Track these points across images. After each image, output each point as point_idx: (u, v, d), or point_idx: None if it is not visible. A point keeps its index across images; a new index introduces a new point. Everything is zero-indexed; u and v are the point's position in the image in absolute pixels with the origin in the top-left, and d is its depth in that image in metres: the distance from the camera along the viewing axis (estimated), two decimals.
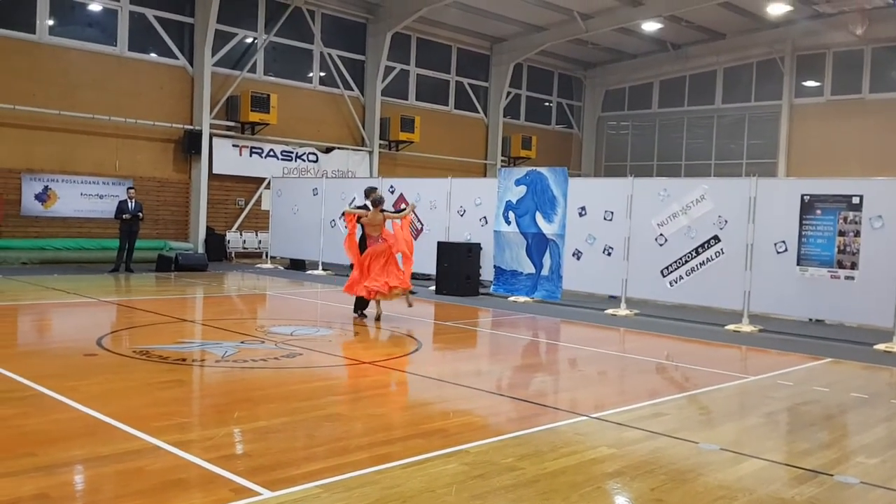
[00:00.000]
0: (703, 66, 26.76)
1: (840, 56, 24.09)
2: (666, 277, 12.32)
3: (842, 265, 10.64)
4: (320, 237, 17.78)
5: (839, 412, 6.91)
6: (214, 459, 4.65)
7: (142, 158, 18.65)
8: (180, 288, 14.52)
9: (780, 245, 11.19)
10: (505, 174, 14.97)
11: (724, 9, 22.07)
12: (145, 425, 5.26)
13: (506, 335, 10.87)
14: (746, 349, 10.06)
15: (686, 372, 8.63)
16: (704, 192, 12.03)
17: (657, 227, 12.40)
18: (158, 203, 18.87)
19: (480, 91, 26.42)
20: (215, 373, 7.37)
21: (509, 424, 5.92)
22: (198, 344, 8.73)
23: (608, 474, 4.80)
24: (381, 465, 4.71)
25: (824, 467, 5.09)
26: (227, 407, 6.08)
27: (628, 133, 29.57)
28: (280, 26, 20.78)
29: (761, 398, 7.26)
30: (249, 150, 20.45)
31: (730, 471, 4.97)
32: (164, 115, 18.81)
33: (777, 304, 11.47)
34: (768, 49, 24.90)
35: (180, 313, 11.35)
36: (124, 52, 18.23)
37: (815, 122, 24.39)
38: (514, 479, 4.60)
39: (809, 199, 10.96)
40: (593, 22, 23.23)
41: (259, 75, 20.60)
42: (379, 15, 22.37)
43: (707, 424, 6.35)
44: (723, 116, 26.88)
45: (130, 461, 4.61)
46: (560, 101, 29.57)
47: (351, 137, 22.79)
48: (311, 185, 18.57)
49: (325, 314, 12.14)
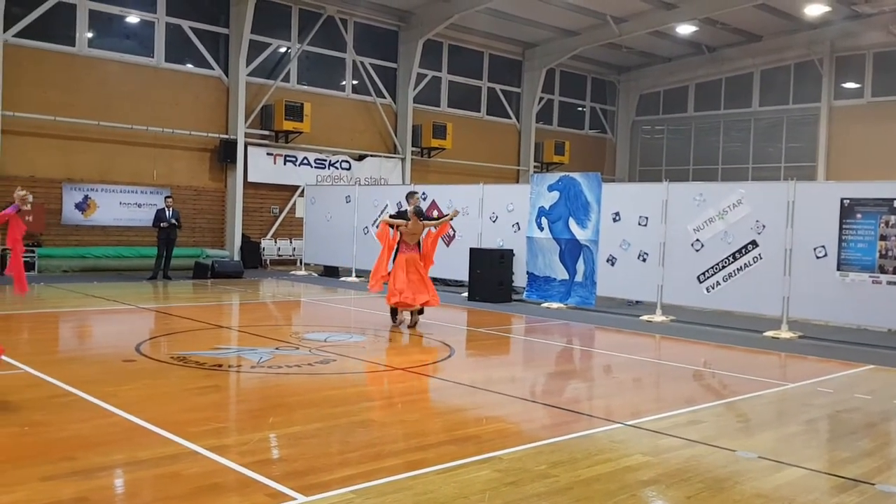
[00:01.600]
0: (740, 68, 26.42)
1: (880, 57, 23.62)
2: (703, 283, 12.17)
3: (884, 270, 10.41)
4: (353, 244, 17.88)
5: (881, 420, 6.75)
6: (250, 464, 4.69)
7: (179, 167, 18.95)
8: (216, 295, 14.70)
9: (820, 250, 10.99)
10: (537, 180, 14.91)
11: (760, 10, 21.77)
12: (182, 430, 5.33)
13: (539, 341, 10.81)
14: (785, 356, 9.88)
15: (723, 379, 8.50)
16: (741, 197, 11.86)
17: (693, 232, 12.25)
18: (195, 211, 19.15)
19: (513, 97, 26.38)
20: (251, 378, 7.44)
21: (543, 431, 5.88)
22: (234, 350, 8.83)
23: (643, 482, 4.74)
24: (414, 471, 4.71)
25: (866, 476, 4.98)
26: (262, 412, 6.13)
27: (663, 137, 29.29)
28: (313, 35, 20.98)
29: (801, 406, 7.12)
30: (283, 159, 20.66)
31: (768, 479, 4.88)
32: (200, 124, 19.10)
33: (817, 310, 11.26)
34: (806, 50, 24.51)
35: (216, 320, 11.49)
36: (161, 63, 18.56)
37: (855, 124, 23.93)
38: (547, 486, 4.57)
39: (849, 203, 10.74)
40: (626, 26, 23.07)
41: (293, 84, 20.82)
42: (410, 22, 22.48)
43: (745, 432, 6.25)
44: (760, 119, 26.50)
45: (168, 465, 4.67)
46: (593, 106, 29.41)
47: (383, 145, 22.91)
48: (344, 193, 18.69)
49: (358, 321, 12.20)
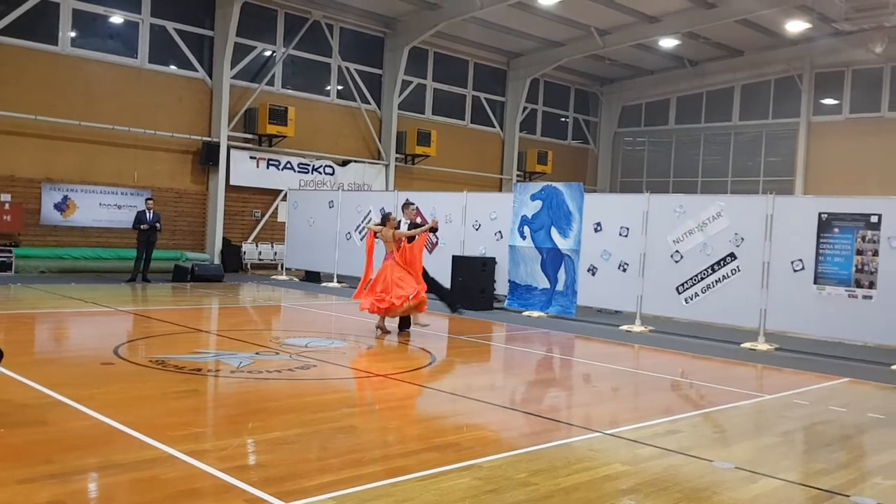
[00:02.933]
0: (721, 82, 26.72)
1: (859, 74, 23.99)
2: (681, 294, 12.27)
3: (860, 284, 10.56)
4: (336, 249, 17.85)
5: (856, 432, 6.84)
6: (229, 470, 4.67)
7: (160, 169, 18.83)
8: (196, 298, 14.61)
9: (797, 263, 11.12)
10: (520, 189, 14.98)
11: (742, 26, 22.05)
12: (160, 434, 5.29)
13: (520, 350, 10.84)
14: (762, 367, 9.98)
15: (701, 389, 8.57)
16: (721, 209, 11.99)
17: (673, 243, 12.36)
18: (176, 214, 19.03)
19: (497, 106, 26.49)
20: (230, 383, 7.40)
21: (523, 439, 5.90)
22: (213, 354, 8.77)
23: (622, 491, 4.77)
24: (394, 478, 4.71)
25: (840, 488, 5.04)
26: (241, 417, 6.10)
27: (644, 149, 29.53)
28: (298, 40, 20.97)
29: (777, 417, 7.20)
30: (266, 163, 20.60)
31: (744, 490, 4.93)
32: (182, 126, 19.00)
33: (794, 323, 11.38)
34: (786, 66, 24.83)
35: (196, 324, 11.42)
36: (144, 64, 18.46)
37: (834, 140, 24.26)
38: (527, 494, 4.58)
39: (827, 218, 10.89)
40: (610, 38, 23.28)
41: (277, 88, 20.77)
42: (397, 29, 22.53)
43: (722, 443, 6.30)
44: (740, 133, 26.79)
45: (145, 470, 4.63)
46: (576, 117, 29.59)
47: (367, 151, 22.91)
48: (327, 198, 18.66)
49: (339, 326, 12.17)
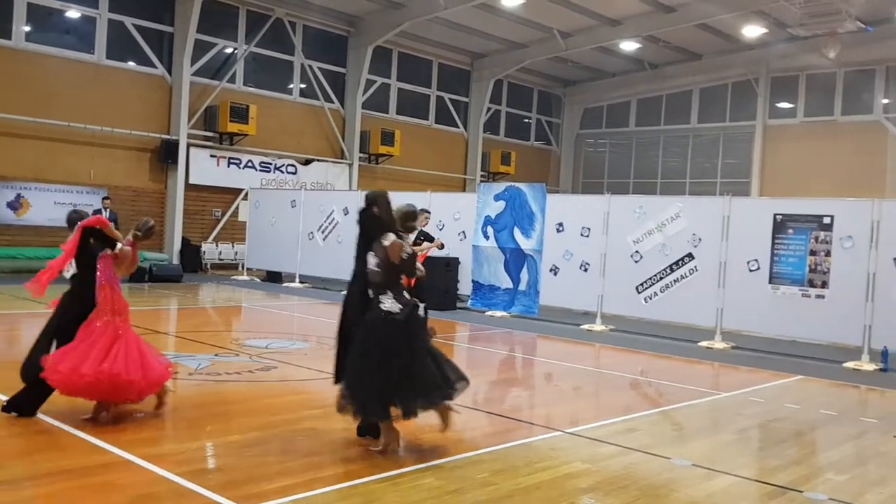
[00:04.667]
0: (680, 85, 27.09)
1: (813, 78, 24.51)
2: (641, 294, 12.41)
3: (813, 284, 10.80)
4: (298, 250, 17.70)
5: (809, 429, 7.00)
6: (185, 474, 4.60)
7: (117, 167, 18.49)
8: (154, 299, 14.39)
9: (753, 263, 11.33)
10: (484, 189, 15.03)
11: (700, 30, 22.40)
12: (115, 439, 5.20)
13: (482, 349, 10.88)
14: (719, 366, 10.16)
15: (660, 388, 8.69)
16: (679, 211, 12.17)
17: (633, 243, 12.50)
18: (133, 213, 18.64)
19: (461, 106, 26.53)
20: (188, 386, 7.30)
21: (484, 439, 5.92)
22: (170, 356, 8.63)
23: (582, 489, 4.82)
24: (355, 480, 4.69)
25: (794, 483, 5.15)
26: (199, 420, 6.02)
27: (606, 151, 29.82)
28: (261, 37, 20.75)
29: (733, 415, 7.33)
30: (227, 161, 20.35)
31: (701, 486, 5.01)
32: (141, 124, 18.68)
33: (749, 322, 11.60)
34: (743, 70, 25.27)
35: (153, 325, 11.24)
36: (102, 60, 18.11)
37: (788, 142, 24.76)
38: (488, 494, 4.60)
39: (782, 219, 11.12)
40: (573, 40, 23.46)
41: (238, 86, 20.54)
42: (361, 28, 22.43)
43: (680, 440, 6.40)
44: (698, 136, 27.20)
45: (99, 475, 4.55)
46: (539, 118, 29.77)
47: (330, 150, 22.77)
48: (289, 197, 18.51)
49: (301, 327, 12.09)
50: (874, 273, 10.31)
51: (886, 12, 19.76)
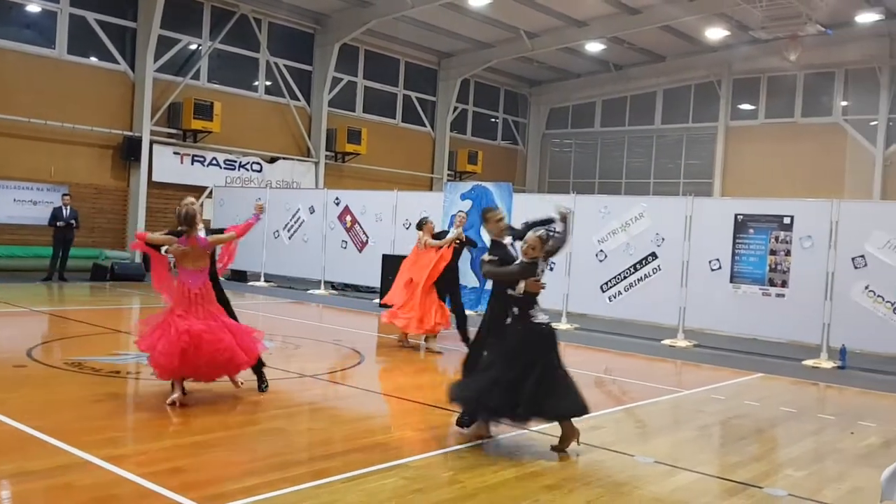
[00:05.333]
0: (644, 87, 27.38)
1: (774, 80, 24.94)
2: (605, 292, 12.53)
3: (773, 283, 11.00)
4: (263, 248, 17.56)
5: (769, 426, 7.13)
6: (147, 475, 4.55)
7: (78, 164, 18.16)
8: (116, 298, 14.17)
9: (715, 263, 11.51)
10: (451, 188, 15.05)
11: (664, 32, 22.67)
12: (76, 439, 5.12)
13: (449, 349, 10.89)
14: (681, 364, 10.30)
15: (623, 385, 8.79)
16: (643, 210, 12.31)
17: (597, 243, 12.62)
18: (95, 210, 18.39)
19: (428, 105, 26.53)
20: (151, 386, 7.20)
21: (450, 438, 5.94)
22: (133, 356, 8.52)
23: (547, 486, 4.86)
24: (319, 479, 4.67)
25: (754, 480, 5.24)
26: (162, 421, 5.96)
27: (571, 151, 30.03)
28: (225, 33, 20.53)
29: (695, 412, 7.44)
30: (191, 159, 20.11)
31: (664, 483, 5.09)
32: (102, 120, 18.36)
33: (711, 320, 11.78)
34: (706, 72, 25.63)
35: (115, 324, 11.07)
36: (63, 55, 17.77)
37: (750, 144, 25.16)
38: (453, 492, 4.62)
39: (743, 219, 11.30)
40: (539, 41, 23.60)
41: (203, 82, 20.30)
42: (327, 26, 22.31)
43: (643, 437, 6.48)
44: (662, 136, 27.52)
45: (59, 476, 4.48)
46: (506, 118, 29.89)
47: (296, 148, 22.62)
48: (254, 195, 18.33)
49: (266, 327, 11.99)
50: (833, 272, 10.53)
51: (846, 16, 20.18)
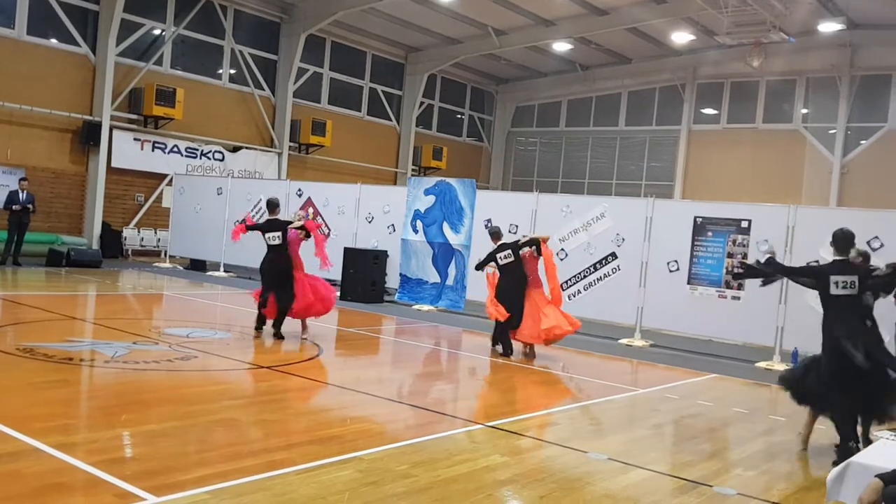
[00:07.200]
0: (610, 88, 27.64)
1: (736, 86, 25.35)
2: (565, 291, 12.60)
3: (729, 286, 11.19)
4: (223, 238, 17.34)
5: (721, 426, 7.26)
6: (98, 463, 4.49)
7: (36, 148, 17.75)
8: (71, 284, 13.90)
9: (673, 264, 11.67)
10: (415, 183, 15.04)
11: (631, 34, 22.90)
12: (26, 426, 5.02)
13: (408, 343, 10.90)
14: (637, 363, 10.43)
15: (579, 383, 8.88)
16: (604, 211, 12.43)
17: (559, 241, 12.71)
18: (52, 195, 18.00)
19: (394, 99, 26.45)
20: (104, 373, 7.10)
21: (406, 432, 5.95)
22: (87, 343, 8.38)
23: (500, 482, 4.89)
24: (273, 471, 4.65)
25: (705, 478, 5.34)
26: (115, 409, 5.87)
27: (536, 149, 30.20)
28: (190, 19, 20.22)
29: (649, 410, 7.55)
30: (152, 145, 19.78)
31: (616, 480, 5.16)
32: (62, 103, 17.96)
33: (668, 321, 11.95)
34: (671, 75, 25.96)
35: (70, 311, 10.87)
36: (22, 35, 17.32)
37: (711, 148, 25.56)
38: (407, 486, 4.63)
39: (702, 222, 11.49)
40: (507, 38, 23.67)
41: (165, 68, 19.97)
42: (294, 15, 22.10)
43: (597, 435, 6.56)
44: (625, 138, 27.81)
45: (7, 464, 4.39)
46: (472, 114, 29.93)
47: (260, 138, 22.39)
48: (215, 184, 18.12)
49: (224, 317, 11.87)
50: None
51: (808, 25, 20.57)
